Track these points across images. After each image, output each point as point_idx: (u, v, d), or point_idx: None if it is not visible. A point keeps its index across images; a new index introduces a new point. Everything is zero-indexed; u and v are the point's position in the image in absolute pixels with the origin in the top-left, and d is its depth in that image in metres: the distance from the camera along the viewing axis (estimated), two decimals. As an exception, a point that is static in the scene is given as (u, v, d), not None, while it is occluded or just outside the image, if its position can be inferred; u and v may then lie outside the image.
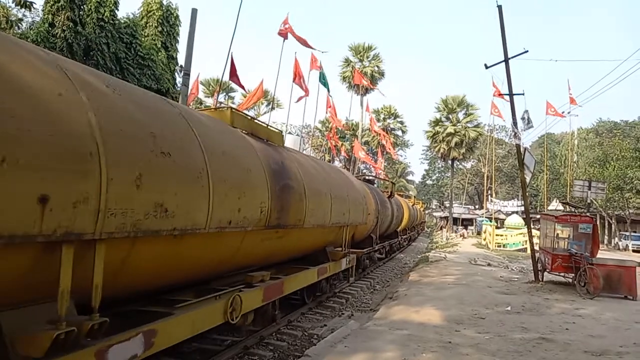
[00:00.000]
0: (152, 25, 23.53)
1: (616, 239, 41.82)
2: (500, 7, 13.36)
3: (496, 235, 30.16)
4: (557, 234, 13.48)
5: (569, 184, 36.82)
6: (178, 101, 12.95)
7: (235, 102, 43.42)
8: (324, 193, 7.61)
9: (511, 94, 14.01)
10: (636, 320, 8.46)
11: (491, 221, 34.53)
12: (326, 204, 7.68)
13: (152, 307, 4.22)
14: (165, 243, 3.79)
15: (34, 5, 17.66)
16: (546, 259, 12.89)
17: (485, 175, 54.05)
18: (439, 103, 46.81)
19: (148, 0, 24.07)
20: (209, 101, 40.42)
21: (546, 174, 44.46)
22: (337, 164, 40.11)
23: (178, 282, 4.77)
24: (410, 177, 76.83)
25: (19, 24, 22.16)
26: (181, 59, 21.45)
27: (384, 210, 15.71)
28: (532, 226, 15.10)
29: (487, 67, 14.08)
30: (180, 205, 3.67)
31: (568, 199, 32.86)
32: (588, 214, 18.16)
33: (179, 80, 23.22)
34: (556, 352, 6.15)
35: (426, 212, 60.77)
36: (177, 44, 24.89)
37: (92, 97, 3.05)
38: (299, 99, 20.50)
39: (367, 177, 20.22)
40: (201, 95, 36.70)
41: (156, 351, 3.71)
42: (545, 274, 13.20)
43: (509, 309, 8.99)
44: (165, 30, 23.97)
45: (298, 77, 19.18)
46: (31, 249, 2.67)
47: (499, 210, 45.98)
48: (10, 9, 21.76)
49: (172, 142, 3.72)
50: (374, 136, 45.85)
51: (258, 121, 6.68)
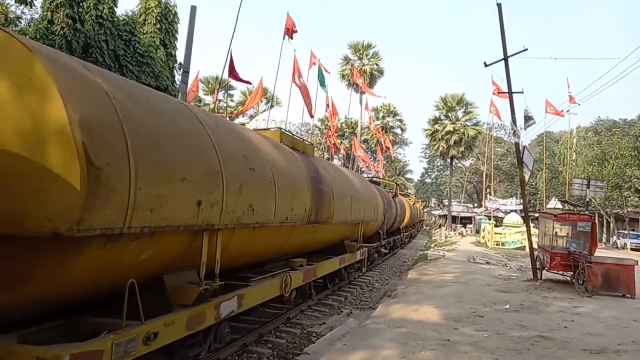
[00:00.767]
0: (150, 23, 23.40)
1: (614, 237, 41.84)
2: (499, 5, 13.36)
3: (495, 233, 30.17)
4: (556, 232, 13.48)
5: (567, 182, 36.90)
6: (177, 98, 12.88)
7: (235, 100, 43.40)
8: (346, 194, 9.04)
9: (510, 92, 14.02)
10: (634, 318, 8.49)
11: (490, 219, 34.54)
12: (347, 203, 9.05)
13: (236, 281, 5.61)
14: (248, 232, 5.22)
15: (34, 3, 17.65)
16: (545, 257, 12.91)
17: (484, 174, 54.13)
18: (438, 101, 46.78)
19: (146, -2, 23.93)
20: (208, 99, 40.33)
21: (545, 173, 44.57)
22: (336, 162, 40.06)
23: (249, 263, 6.27)
24: (409, 175, 76.89)
25: (18, 22, 22.08)
26: (180, 56, 21.37)
27: (389, 209, 16.91)
28: (530, 224, 15.11)
29: (486, 65, 14.10)
30: (260, 206, 5.09)
31: (567, 197, 32.89)
32: (587, 212, 18.17)
33: (177, 77, 23.13)
34: (554, 350, 6.17)
35: (425, 210, 60.78)
36: (175, 41, 24.77)
37: (211, 132, 4.44)
38: (304, 93, 19.99)
39: (373, 179, 20.83)
40: (200, 94, 36.62)
41: (242, 310, 5.28)
42: (544, 272, 13.24)
43: (507, 307, 9.01)
44: (163, 27, 23.84)
45: (298, 76, 19.10)
46: (189, 234, 4.09)
47: (498, 209, 46.05)
48: (9, 6, 21.68)
49: (254, 161, 5.15)
50: (373, 134, 45.82)
51: (296, 136, 8.29)
